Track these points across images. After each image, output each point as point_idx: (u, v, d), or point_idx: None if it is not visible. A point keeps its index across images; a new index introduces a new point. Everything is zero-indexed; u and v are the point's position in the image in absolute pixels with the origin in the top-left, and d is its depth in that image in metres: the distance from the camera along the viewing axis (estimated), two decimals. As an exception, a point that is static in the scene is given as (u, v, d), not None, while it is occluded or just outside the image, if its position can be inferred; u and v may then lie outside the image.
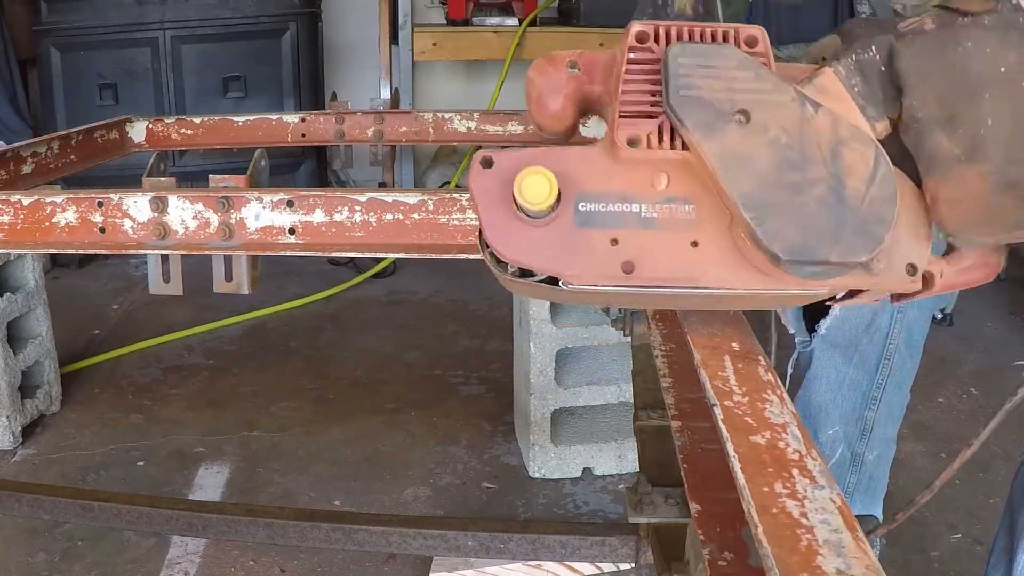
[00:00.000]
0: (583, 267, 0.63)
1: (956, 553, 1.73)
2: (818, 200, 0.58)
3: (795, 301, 0.66)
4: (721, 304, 0.68)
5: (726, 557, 0.65)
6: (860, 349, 1.34)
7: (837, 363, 1.36)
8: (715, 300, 0.64)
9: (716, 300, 0.64)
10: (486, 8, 3.78)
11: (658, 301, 0.68)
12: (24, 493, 1.57)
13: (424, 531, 1.47)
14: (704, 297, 0.63)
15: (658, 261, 0.62)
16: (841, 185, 0.58)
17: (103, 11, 3.24)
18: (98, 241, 1.23)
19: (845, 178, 0.58)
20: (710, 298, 0.63)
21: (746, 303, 0.67)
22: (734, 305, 0.69)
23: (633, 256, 0.62)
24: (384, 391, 2.38)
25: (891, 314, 1.31)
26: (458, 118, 2.05)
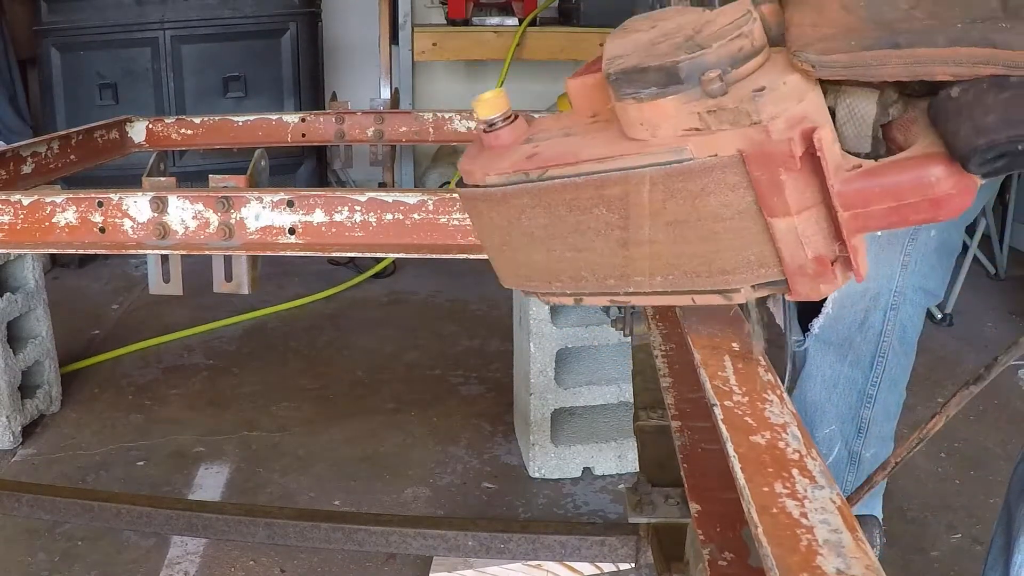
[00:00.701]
0: (498, 165, 0.68)
1: (956, 553, 1.73)
2: (671, 44, 0.59)
3: (666, 180, 0.60)
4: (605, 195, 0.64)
5: (726, 557, 0.65)
6: (854, 347, 1.34)
7: (831, 362, 1.37)
8: (596, 188, 0.63)
9: (597, 187, 0.63)
10: (486, 8, 3.78)
11: (550, 197, 0.66)
12: (24, 493, 1.57)
13: (424, 531, 1.47)
14: (584, 185, 0.63)
15: (555, 149, 0.65)
16: (698, 33, 0.58)
17: (103, 11, 3.24)
18: (98, 241, 1.23)
19: (704, 29, 0.58)
20: (588, 185, 0.63)
21: (621, 186, 0.63)
22: (610, 192, 0.63)
23: (540, 150, 0.66)
24: (384, 391, 2.38)
25: (884, 312, 1.31)
26: (458, 118, 2.06)
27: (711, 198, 0.59)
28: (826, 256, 0.58)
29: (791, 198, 0.57)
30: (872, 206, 0.56)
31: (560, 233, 0.67)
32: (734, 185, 0.58)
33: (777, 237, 0.58)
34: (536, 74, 4.07)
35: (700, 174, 0.58)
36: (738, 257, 0.60)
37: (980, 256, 3.23)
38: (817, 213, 0.57)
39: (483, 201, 0.70)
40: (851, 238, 0.57)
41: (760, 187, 0.57)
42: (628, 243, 0.64)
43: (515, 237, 0.70)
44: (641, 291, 0.66)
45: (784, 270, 0.60)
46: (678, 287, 0.64)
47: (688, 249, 0.62)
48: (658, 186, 0.60)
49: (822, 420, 1.41)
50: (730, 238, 0.60)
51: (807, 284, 0.59)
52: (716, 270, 0.62)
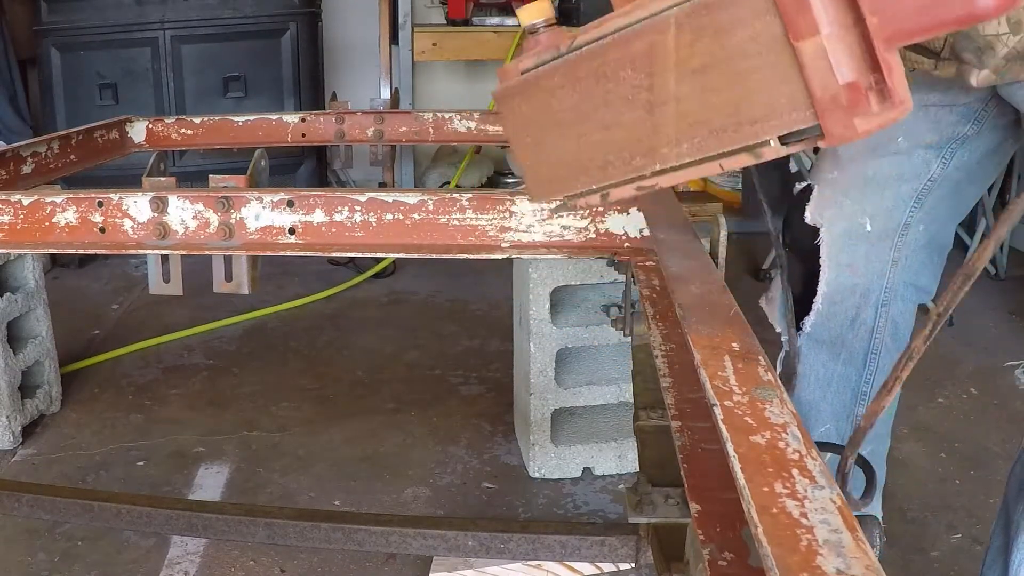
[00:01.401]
0: (531, 54, 0.69)
1: (956, 553, 1.73)
2: None
3: (691, 17, 0.57)
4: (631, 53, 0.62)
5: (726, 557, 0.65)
6: (846, 345, 1.34)
7: (824, 360, 1.37)
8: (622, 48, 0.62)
9: (623, 45, 0.62)
10: (486, 8, 3.78)
11: (580, 70, 0.65)
12: (24, 493, 1.57)
13: (424, 531, 1.47)
14: (611, 46, 0.63)
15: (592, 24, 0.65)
16: None
17: (103, 11, 3.24)
18: (98, 241, 1.23)
19: None
20: (615, 45, 0.62)
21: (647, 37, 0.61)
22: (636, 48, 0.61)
23: (574, 35, 0.67)
24: (384, 391, 2.38)
25: (875, 308, 1.31)
26: (458, 118, 2.06)
27: (738, 31, 0.55)
28: (860, 83, 0.53)
29: (819, 14, 0.52)
30: (902, 5, 0.51)
31: (589, 110, 0.64)
32: (762, 11, 0.54)
33: (805, 64, 0.54)
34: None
35: (728, 3, 0.55)
36: (767, 101, 0.56)
37: (980, 256, 3.23)
38: (848, 33, 0.53)
39: (517, 93, 0.69)
40: (883, 49, 0.52)
41: (785, 6, 0.53)
42: (654, 105, 0.60)
43: (547, 129, 0.68)
44: (668, 165, 0.62)
45: (815, 107, 0.54)
46: (705, 151, 0.60)
47: (715, 98, 0.58)
48: (683, 28, 0.57)
49: (817, 419, 1.41)
50: (758, 78, 0.56)
51: (841, 119, 0.54)
52: (745, 120, 0.57)
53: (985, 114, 1.18)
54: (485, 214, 1.19)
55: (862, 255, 1.26)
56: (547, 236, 1.21)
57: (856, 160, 1.23)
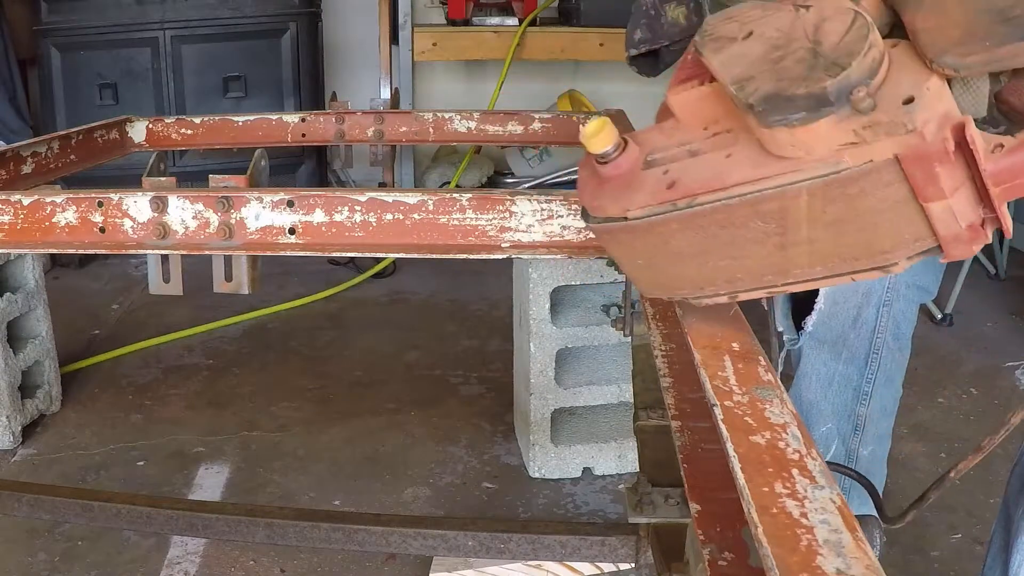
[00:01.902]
0: (637, 198, 0.70)
1: (956, 553, 1.73)
2: (795, 59, 0.62)
3: (824, 190, 0.64)
4: (760, 211, 0.67)
5: (726, 557, 0.65)
6: (848, 344, 1.34)
7: (826, 359, 1.37)
8: (750, 207, 0.66)
9: (752, 205, 0.66)
10: (486, 8, 3.78)
11: (701, 220, 0.69)
12: (24, 493, 1.57)
13: (424, 531, 1.47)
14: (737, 206, 0.66)
15: (696, 174, 0.68)
16: (818, 45, 0.62)
17: (103, 11, 3.24)
18: (98, 241, 1.23)
19: (823, 39, 0.62)
20: (743, 205, 0.66)
21: (778, 202, 0.66)
22: (766, 208, 0.66)
23: (676, 176, 0.69)
24: (384, 391, 2.38)
25: (877, 308, 1.31)
26: (458, 118, 2.06)
27: (868, 197, 0.63)
28: (976, 223, 0.64)
29: (944, 184, 0.61)
30: (1020, 178, 0.62)
31: (712, 248, 0.70)
32: (889, 182, 0.62)
33: (933, 216, 0.63)
34: (536, 74, 4.07)
35: (857, 179, 0.63)
36: (896, 239, 0.65)
37: (980, 256, 3.23)
38: (967, 189, 0.63)
39: (624, 232, 0.72)
40: (1000, 206, 0.63)
41: (915, 180, 0.62)
42: (786, 246, 0.68)
43: (661, 258, 0.73)
44: (800, 280, 0.70)
45: (939, 240, 0.65)
46: (837, 271, 0.68)
47: (847, 239, 0.66)
48: (816, 196, 0.64)
49: (818, 418, 1.41)
50: (888, 226, 0.65)
51: (962, 247, 0.65)
52: (876, 251, 0.66)
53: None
54: (485, 214, 1.19)
55: None
56: (547, 236, 1.20)
57: None
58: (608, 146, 0.70)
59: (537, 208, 1.19)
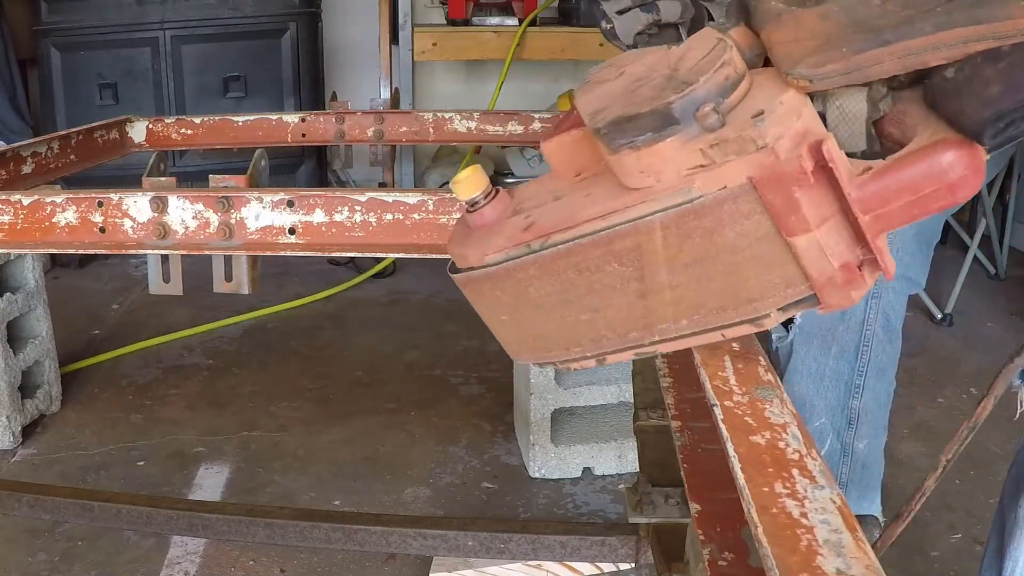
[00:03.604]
0: (495, 242, 0.66)
1: (956, 553, 1.73)
2: (651, 86, 0.59)
3: (678, 222, 0.59)
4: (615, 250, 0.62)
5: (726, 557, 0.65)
6: (837, 338, 1.34)
7: (816, 354, 1.37)
8: (604, 246, 0.62)
9: (606, 244, 0.62)
10: (486, 8, 3.78)
11: (557, 264, 0.64)
12: (24, 493, 1.57)
13: (424, 531, 1.47)
14: (591, 245, 0.62)
15: (552, 215, 0.64)
16: (676, 71, 0.59)
17: (103, 11, 3.24)
18: (98, 241, 1.23)
19: (681, 66, 0.59)
20: (596, 244, 0.62)
21: (632, 238, 0.62)
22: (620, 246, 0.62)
23: (535, 219, 0.65)
24: (384, 391, 2.38)
25: (866, 300, 1.31)
26: (458, 118, 2.06)
27: (727, 231, 0.58)
28: (852, 262, 0.58)
29: (808, 213, 0.56)
30: (891, 205, 0.57)
31: (572, 297, 0.65)
32: (748, 213, 0.57)
33: (800, 255, 0.58)
34: (536, 74, 4.07)
35: (712, 209, 0.58)
36: (763, 283, 0.60)
37: (980, 256, 3.23)
38: (836, 222, 0.57)
39: (484, 281, 0.68)
40: (875, 240, 0.58)
41: (775, 209, 0.57)
42: (647, 293, 0.63)
43: (524, 310, 0.68)
44: (667, 337, 0.65)
45: (812, 285, 0.59)
46: (706, 325, 0.63)
47: (711, 286, 0.61)
48: (670, 230, 0.60)
49: (811, 414, 1.41)
50: (752, 266, 0.59)
51: (838, 294, 0.59)
52: (743, 300, 0.61)
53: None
54: (485, 214, 1.18)
55: None
56: (547, 236, 1.20)
57: None
58: (476, 193, 0.67)
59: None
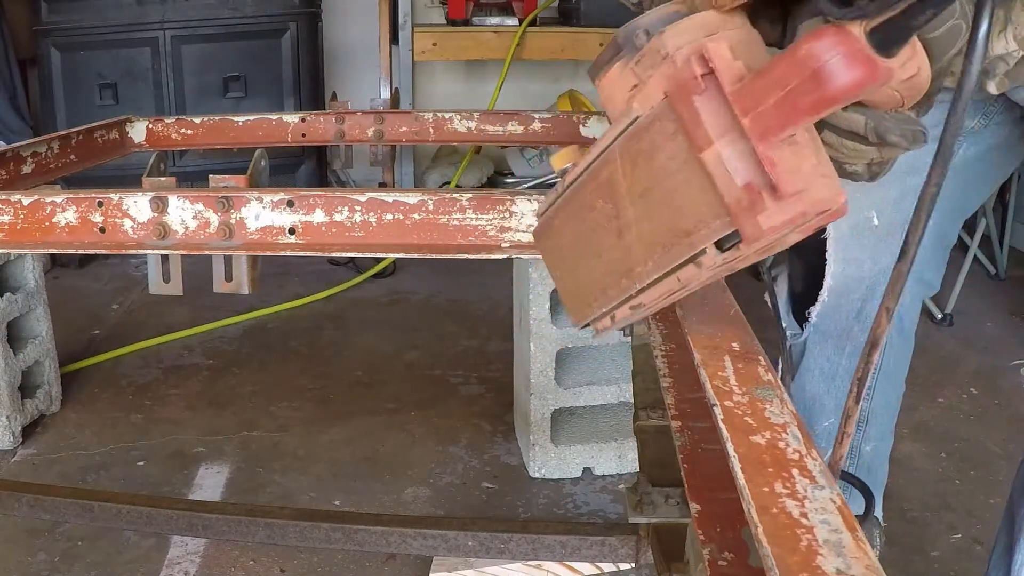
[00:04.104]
0: (549, 198, 0.72)
1: (956, 553, 1.73)
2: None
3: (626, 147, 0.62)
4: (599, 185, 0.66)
5: (726, 557, 0.65)
6: (852, 338, 1.33)
7: (829, 354, 1.36)
8: (593, 180, 0.66)
9: (593, 179, 0.66)
10: (486, 8, 3.78)
11: (574, 206, 0.69)
12: (24, 493, 1.57)
13: (424, 531, 1.47)
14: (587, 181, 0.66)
15: (583, 161, 0.68)
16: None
17: (103, 11, 3.24)
18: (98, 241, 1.23)
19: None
20: (589, 180, 0.66)
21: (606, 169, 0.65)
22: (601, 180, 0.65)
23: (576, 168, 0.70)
24: (384, 391, 2.38)
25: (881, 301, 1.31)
26: (458, 118, 2.06)
27: (660, 153, 0.59)
28: (754, 183, 0.56)
29: (709, 125, 0.56)
30: (765, 103, 0.54)
31: (585, 241, 0.68)
32: (672, 132, 0.58)
33: (711, 172, 0.57)
34: (536, 74, 4.07)
35: (646, 130, 0.60)
36: (694, 213, 0.59)
37: (980, 256, 3.23)
38: (737, 139, 0.56)
39: (540, 235, 0.74)
40: (761, 146, 0.55)
41: (685, 124, 0.57)
42: (622, 231, 0.64)
43: (565, 260, 0.72)
44: (644, 284, 0.65)
45: (729, 212, 0.57)
46: (664, 267, 0.63)
47: (659, 217, 0.61)
48: (625, 157, 0.62)
49: (821, 413, 1.40)
50: (684, 193, 0.59)
51: (748, 220, 0.56)
52: (682, 233, 0.60)
53: (993, 108, 1.17)
54: (485, 214, 1.19)
55: (869, 249, 1.26)
56: (547, 236, 1.20)
57: None
58: (567, 165, 0.72)
59: (537, 208, 1.19)
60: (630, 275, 0.65)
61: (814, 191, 0.55)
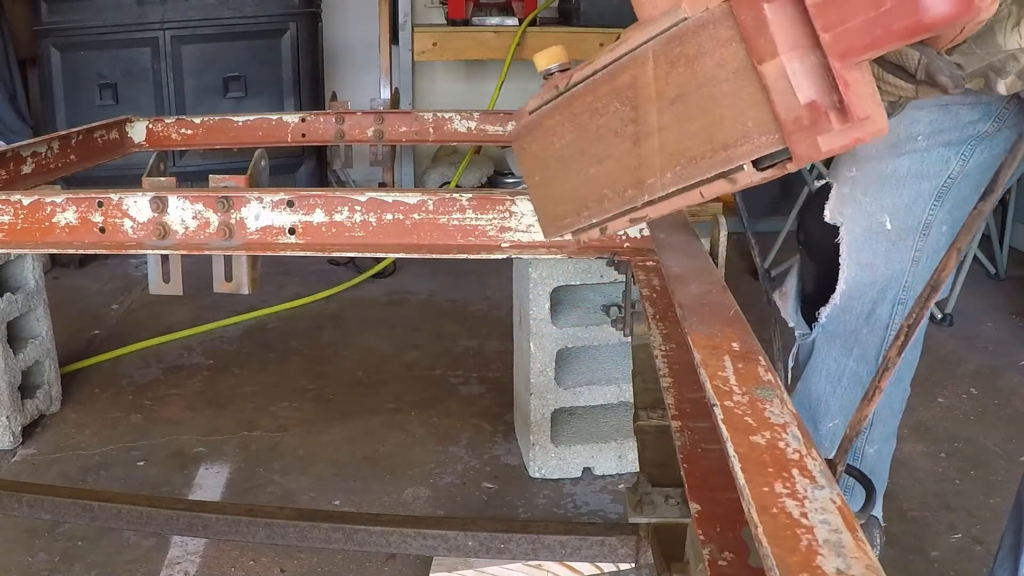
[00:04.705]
0: (539, 97, 0.71)
1: (956, 553, 1.73)
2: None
3: (666, 49, 0.59)
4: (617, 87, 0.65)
5: (726, 557, 0.65)
6: (860, 341, 1.34)
7: (836, 355, 1.37)
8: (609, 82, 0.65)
9: (610, 80, 0.64)
10: (486, 8, 3.78)
11: (575, 107, 0.68)
12: (24, 493, 1.57)
13: (424, 531, 1.47)
14: (601, 81, 0.65)
15: (586, 66, 0.68)
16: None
17: (103, 11, 3.24)
18: (98, 241, 1.23)
19: None
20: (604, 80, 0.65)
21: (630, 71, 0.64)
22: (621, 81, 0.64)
23: (574, 71, 0.69)
24: (384, 391, 2.38)
25: (892, 305, 1.31)
26: (458, 118, 2.06)
27: (707, 58, 0.57)
28: (820, 102, 0.54)
29: (776, 35, 0.54)
30: (852, 21, 0.51)
31: (585, 145, 0.66)
32: (727, 39, 0.56)
33: (769, 86, 0.55)
34: (536, 74, 4.07)
35: (695, 33, 0.57)
36: (738, 126, 0.57)
37: (980, 256, 3.23)
38: (806, 53, 0.54)
39: (524, 135, 0.71)
40: (840, 67, 0.53)
41: (747, 30, 0.55)
42: (639, 137, 0.62)
43: (550, 166, 0.70)
44: (656, 196, 0.63)
45: (781, 129, 0.55)
46: (687, 180, 0.61)
47: (691, 126, 0.59)
48: (660, 59, 0.59)
49: (826, 414, 1.41)
50: (729, 103, 0.57)
51: (804, 140, 0.54)
52: (718, 146, 0.58)
53: (1006, 112, 1.17)
54: (485, 214, 1.19)
55: (882, 253, 1.26)
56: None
57: (874, 158, 1.23)
58: (552, 64, 0.71)
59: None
60: (640, 186, 0.63)
61: (876, 119, 0.53)
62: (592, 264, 1.84)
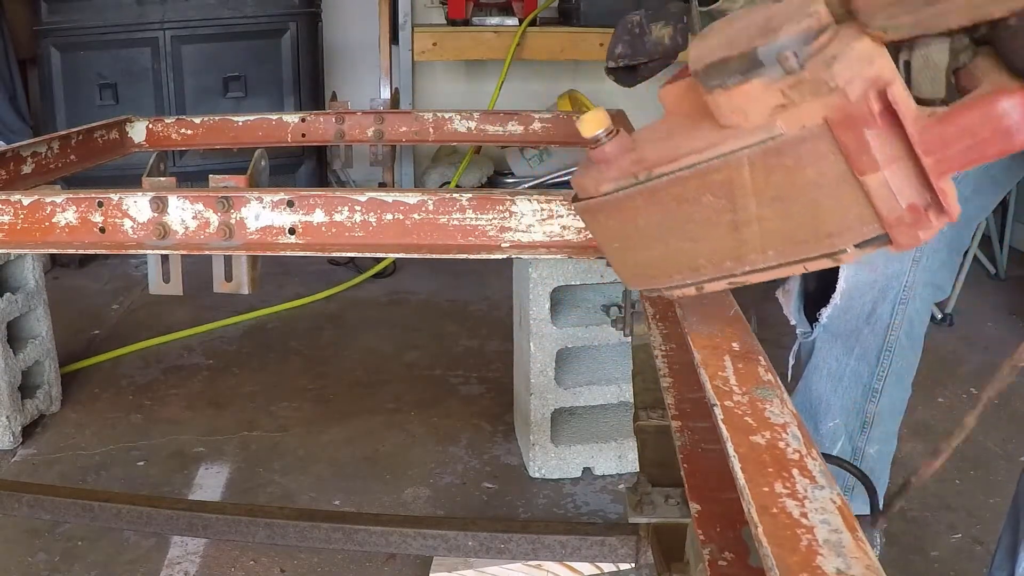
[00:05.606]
0: (609, 175, 0.74)
1: (956, 553, 1.73)
2: (746, 36, 0.64)
3: (763, 159, 0.65)
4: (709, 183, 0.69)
5: (726, 557, 0.65)
6: (861, 340, 1.34)
7: (838, 354, 1.37)
8: (700, 179, 0.68)
9: (701, 177, 0.68)
10: (486, 8, 3.78)
11: (660, 195, 0.71)
12: (24, 493, 1.57)
13: (424, 531, 1.47)
14: (689, 177, 0.69)
15: (659, 150, 0.71)
16: (769, 21, 0.63)
17: (103, 11, 3.24)
18: (98, 241, 1.23)
19: (774, 16, 0.63)
20: (693, 176, 0.68)
21: (724, 172, 0.68)
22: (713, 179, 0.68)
23: (644, 153, 0.72)
24: (384, 391, 2.38)
25: (893, 305, 1.31)
26: (458, 118, 2.06)
27: (807, 169, 0.63)
28: (918, 204, 0.62)
29: (877, 154, 0.61)
30: (951, 148, 0.59)
31: (674, 226, 0.72)
32: (825, 153, 0.62)
33: (871, 193, 0.62)
34: (536, 74, 4.07)
35: (793, 147, 0.63)
36: (840, 219, 0.64)
37: (980, 256, 3.23)
38: (903, 164, 0.61)
39: (600, 210, 0.76)
40: (938, 181, 0.61)
41: (848, 150, 0.61)
42: (738, 225, 0.68)
43: (633, 238, 0.76)
44: (756, 268, 0.70)
45: (883, 224, 0.63)
46: (790, 257, 0.68)
47: (794, 220, 0.66)
48: (757, 165, 0.65)
49: (827, 413, 1.41)
50: (830, 203, 0.64)
51: (906, 233, 0.63)
52: (823, 234, 0.66)
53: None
54: (485, 214, 1.19)
55: (882, 253, 1.26)
56: (547, 236, 1.20)
57: None
58: (599, 131, 0.74)
59: (537, 208, 1.19)
60: (740, 260, 0.70)
61: (956, 207, 0.63)
62: (592, 264, 1.84)
